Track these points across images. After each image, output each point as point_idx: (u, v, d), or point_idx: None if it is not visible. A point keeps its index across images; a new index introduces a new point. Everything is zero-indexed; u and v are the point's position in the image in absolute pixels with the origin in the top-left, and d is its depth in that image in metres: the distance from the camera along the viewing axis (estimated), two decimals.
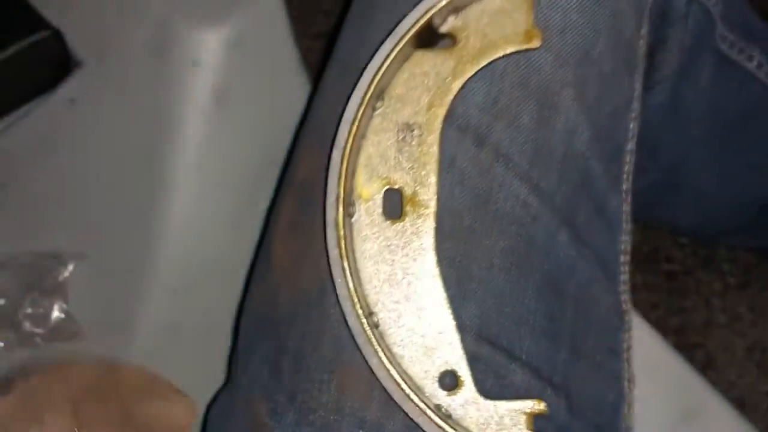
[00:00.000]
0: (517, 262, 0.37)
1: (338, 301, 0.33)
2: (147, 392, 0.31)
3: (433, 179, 0.34)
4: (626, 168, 0.43)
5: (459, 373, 0.33)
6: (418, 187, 0.35)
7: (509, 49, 0.36)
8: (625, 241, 0.43)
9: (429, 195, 0.34)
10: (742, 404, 0.77)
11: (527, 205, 0.37)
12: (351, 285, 0.33)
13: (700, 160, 0.59)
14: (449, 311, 0.34)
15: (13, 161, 0.69)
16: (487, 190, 0.37)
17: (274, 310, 0.38)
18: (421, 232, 0.34)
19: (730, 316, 0.81)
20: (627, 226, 0.43)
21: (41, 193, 0.68)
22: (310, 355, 0.36)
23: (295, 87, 0.72)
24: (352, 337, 0.33)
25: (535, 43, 0.36)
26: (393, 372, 0.32)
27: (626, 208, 0.43)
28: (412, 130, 0.35)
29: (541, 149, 0.38)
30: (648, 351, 0.60)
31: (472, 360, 0.35)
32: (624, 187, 0.43)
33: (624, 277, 0.43)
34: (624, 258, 0.43)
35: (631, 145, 0.43)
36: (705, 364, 0.79)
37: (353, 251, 0.34)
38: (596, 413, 0.40)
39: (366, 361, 0.33)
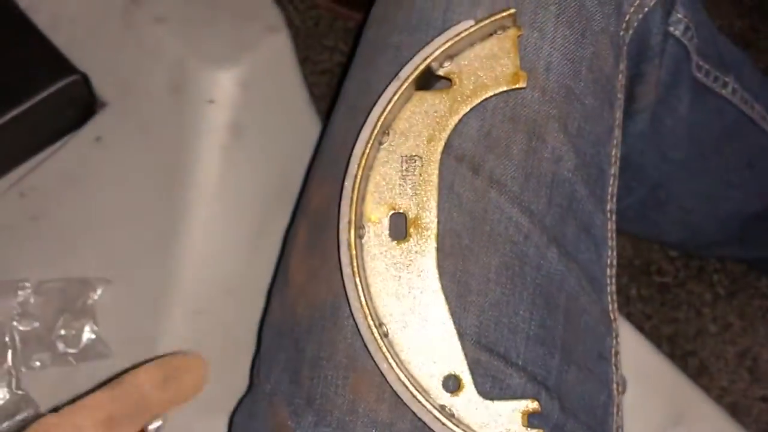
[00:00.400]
0: (512, 277, 0.41)
1: (351, 313, 0.38)
2: (168, 387, 0.34)
3: (433, 204, 0.39)
4: (610, 190, 0.48)
5: (461, 377, 0.38)
6: (420, 211, 0.39)
7: (499, 89, 0.41)
8: (611, 256, 0.47)
9: (430, 218, 0.39)
10: (735, 409, 0.80)
11: (519, 226, 0.42)
12: (362, 299, 0.37)
13: (681, 180, 0.63)
14: (451, 321, 0.38)
15: (44, 196, 0.74)
16: (483, 213, 0.41)
17: (293, 322, 0.42)
18: (423, 251, 0.39)
19: (720, 325, 0.85)
20: (612, 242, 0.47)
21: (70, 224, 0.72)
22: (326, 362, 0.40)
23: (304, 120, 0.77)
24: (365, 345, 0.37)
25: (522, 84, 0.41)
26: (401, 376, 0.36)
27: (611, 226, 0.47)
28: (415, 161, 0.40)
29: (531, 176, 0.43)
30: (640, 358, 0.64)
31: (473, 365, 0.39)
32: (608, 207, 0.47)
33: (611, 288, 0.47)
34: (610, 271, 0.47)
35: (613, 170, 0.48)
36: (698, 371, 0.83)
37: (364, 269, 0.38)
38: (588, 414, 0.44)
39: (377, 367, 0.37)
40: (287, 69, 0.78)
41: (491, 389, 0.39)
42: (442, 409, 0.37)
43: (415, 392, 0.36)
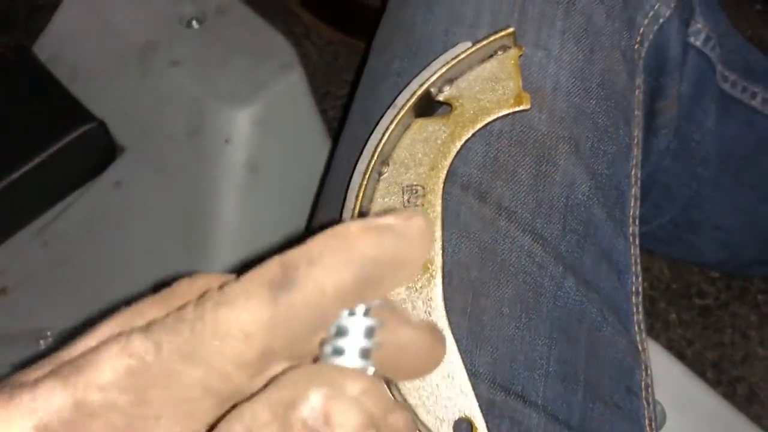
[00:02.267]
0: (526, 310, 0.39)
1: None
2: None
3: (438, 236, 0.37)
4: (631, 212, 0.45)
5: (473, 421, 0.35)
6: None
7: (501, 113, 0.39)
8: (636, 283, 0.44)
9: (434, 251, 0.37)
10: None
11: (532, 255, 0.40)
12: None
13: (714, 197, 0.60)
14: (460, 360, 0.36)
15: (66, 244, 0.75)
16: (492, 243, 0.39)
17: None
18: (429, 286, 0.37)
19: None
20: (636, 268, 0.44)
21: (92, 270, 0.73)
22: None
23: (321, 154, 0.76)
24: None
25: (525, 105, 0.39)
26: None
27: (634, 251, 0.45)
28: (416, 192, 0.38)
29: (542, 201, 0.41)
30: (681, 388, 0.60)
31: (488, 406, 0.37)
32: (630, 231, 0.44)
33: (637, 317, 0.44)
34: (636, 299, 0.44)
35: (634, 191, 0.45)
36: (748, 399, 0.78)
37: None
38: None
39: None
40: (302, 105, 0.77)
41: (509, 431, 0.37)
42: None
43: None
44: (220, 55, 0.77)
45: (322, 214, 0.45)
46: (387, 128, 0.38)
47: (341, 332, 0.21)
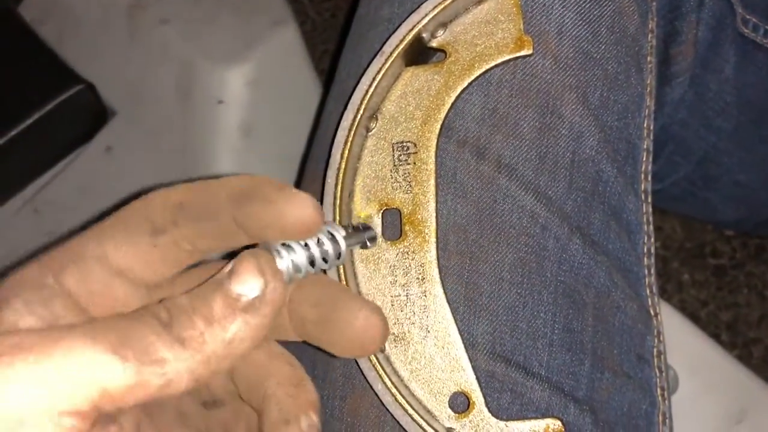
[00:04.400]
0: (528, 275, 0.36)
1: None
2: (251, 198, 0.27)
3: (431, 196, 0.34)
4: (643, 168, 0.42)
5: (470, 395, 0.32)
6: (416, 206, 0.34)
7: (500, 59, 0.36)
8: (648, 243, 0.41)
9: (428, 212, 0.34)
10: None
11: (534, 215, 0.37)
12: None
13: (732, 151, 0.56)
14: (456, 330, 0.33)
15: (58, 211, 0.72)
16: (491, 203, 0.36)
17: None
18: (422, 251, 0.34)
19: None
20: (648, 227, 0.41)
21: None
22: (321, 381, 0.36)
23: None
24: (356, 362, 0.33)
25: (527, 50, 0.35)
26: (399, 397, 0.32)
27: (646, 209, 0.41)
28: (408, 148, 0.35)
29: (546, 157, 0.37)
30: (695, 351, 0.58)
31: (487, 378, 0.34)
32: (642, 187, 0.41)
33: (649, 280, 0.41)
34: (648, 261, 0.41)
35: (647, 144, 0.42)
36: (764, 361, 0.75)
37: (354, 274, 0.34)
38: (627, 426, 0.38)
39: (371, 388, 0.32)
40: (297, 63, 0.74)
41: (510, 406, 0.34)
42: (449, 430, 0.32)
43: (416, 416, 0.31)
44: (210, 11, 0.73)
45: (309, 177, 0.42)
46: (374, 79, 0.35)
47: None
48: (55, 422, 0.21)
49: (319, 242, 0.29)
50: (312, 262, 0.28)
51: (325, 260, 0.29)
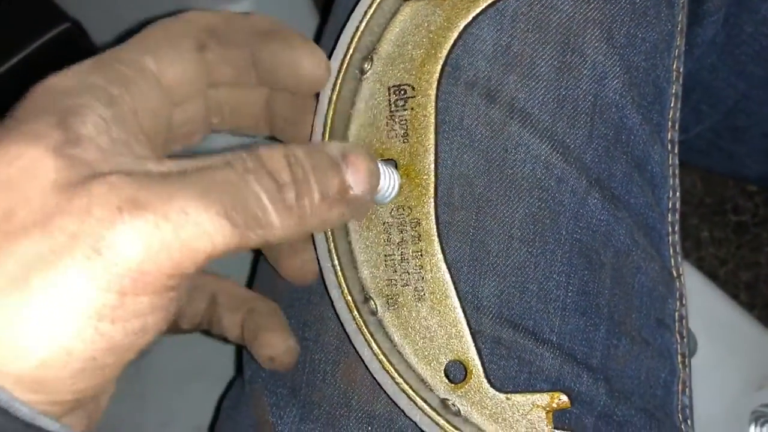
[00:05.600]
0: (541, 232, 0.33)
1: (325, 286, 0.30)
2: (273, 38, 0.29)
3: (429, 146, 0.30)
4: (670, 115, 0.38)
5: (467, 363, 0.29)
6: (413, 156, 0.30)
7: None
8: (673, 198, 0.38)
9: (426, 163, 0.30)
10: None
11: (550, 166, 0.33)
12: (338, 269, 0.29)
13: (764, 100, 0.52)
14: (455, 293, 0.30)
15: None
16: (502, 152, 0.33)
17: (273, 295, 0.35)
18: (419, 205, 0.30)
19: None
20: (674, 181, 0.38)
21: None
22: (312, 343, 0.33)
23: None
24: (342, 327, 0.30)
25: None
26: (386, 364, 0.29)
27: (673, 160, 0.38)
28: (405, 92, 0.31)
29: (565, 101, 0.34)
30: (713, 312, 0.55)
31: (493, 345, 0.31)
32: (668, 136, 0.37)
33: (673, 238, 0.38)
34: (672, 217, 0.38)
35: (675, 88, 0.38)
36: None
37: (346, 232, 0.30)
38: (644, 395, 0.35)
39: (357, 354, 0.29)
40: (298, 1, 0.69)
41: (517, 374, 0.31)
42: (443, 405, 0.29)
43: (405, 385, 0.28)
44: None
45: None
46: (365, 14, 0.31)
47: None
48: (163, 282, 0.22)
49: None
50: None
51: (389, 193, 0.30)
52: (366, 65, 0.31)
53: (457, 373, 0.30)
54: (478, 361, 0.29)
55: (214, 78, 0.29)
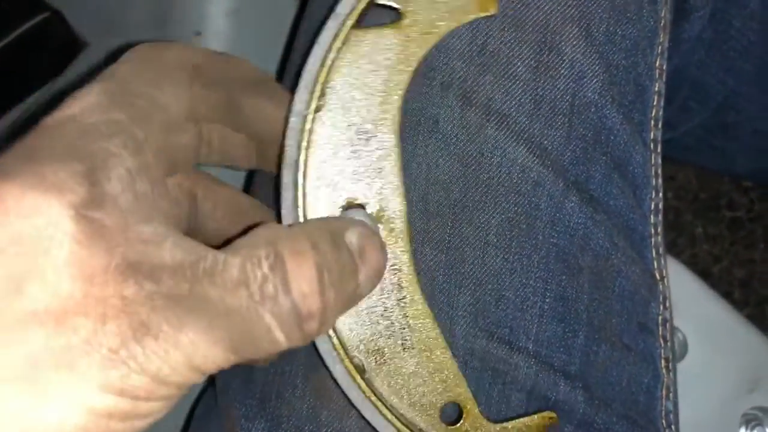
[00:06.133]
0: (517, 238, 0.32)
1: (319, 355, 0.29)
2: (257, 91, 0.29)
3: (397, 187, 0.29)
4: (653, 113, 0.37)
5: (462, 402, 0.29)
6: (382, 201, 0.29)
7: (465, 19, 0.30)
8: (655, 199, 0.37)
9: (396, 208, 0.29)
10: None
11: (526, 170, 0.32)
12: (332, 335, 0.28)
13: (753, 96, 0.51)
14: (441, 337, 0.29)
15: None
16: (478, 156, 0.32)
17: None
18: (394, 254, 0.29)
19: None
20: (657, 181, 0.37)
21: None
22: (283, 356, 0.32)
23: None
24: (342, 391, 0.29)
25: (493, 11, 0.30)
26: (389, 415, 0.28)
27: (655, 160, 0.37)
28: (366, 132, 0.29)
29: (543, 101, 0.33)
30: (705, 311, 0.54)
31: (466, 357, 0.30)
32: (651, 136, 0.36)
33: (656, 240, 0.37)
34: (655, 219, 0.37)
35: (658, 86, 0.37)
36: None
37: None
38: (625, 402, 0.34)
39: (363, 417, 0.29)
40: None
41: (491, 386, 0.31)
42: None
43: None
44: None
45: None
46: (330, 46, 0.29)
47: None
48: (171, 392, 0.22)
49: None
50: None
51: None
52: (320, 102, 0.29)
53: (451, 413, 0.29)
54: (470, 397, 0.29)
55: (198, 114, 0.29)
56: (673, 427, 0.36)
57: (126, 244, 0.21)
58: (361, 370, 0.28)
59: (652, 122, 0.37)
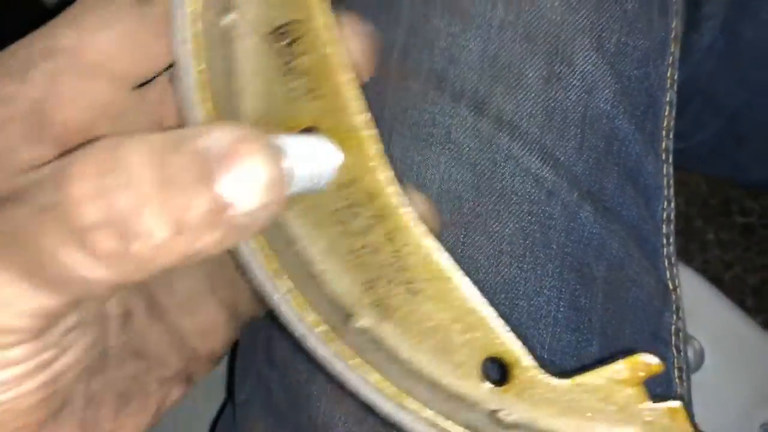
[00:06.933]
0: (531, 247, 0.32)
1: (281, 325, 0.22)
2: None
3: (349, 87, 0.22)
4: (665, 123, 0.37)
5: (505, 355, 0.22)
6: (334, 112, 0.22)
7: None
8: (668, 209, 0.37)
9: (352, 113, 0.22)
10: None
11: (540, 180, 0.32)
12: (290, 297, 0.22)
13: (766, 106, 0.51)
14: (454, 269, 0.23)
15: None
16: (491, 166, 0.32)
17: (264, 318, 0.34)
18: (364, 173, 0.22)
19: None
20: (669, 191, 0.37)
21: None
22: (299, 370, 0.32)
23: None
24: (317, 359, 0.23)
25: None
26: (405, 399, 0.22)
27: (667, 170, 0.37)
28: (289, 33, 0.22)
29: (554, 112, 0.33)
30: (717, 319, 0.54)
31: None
32: (662, 146, 0.37)
33: (668, 250, 0.37)
34: (667, 229, 0.37)
35: (669, 96, 0.37)
36: None
37: (288, 241, 0.23)
38: None
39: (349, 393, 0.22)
40: None
41: None
42: (492, 418, 0.22)
43: (438, 418, 0.22)
44: None
45: None
46: None
47: None
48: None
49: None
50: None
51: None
52: (226, 18, 0.22)
53: (492, 374, 0.22)
54: (519, 347, 0.22)
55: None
56: None
57: None
58: (360, 332, 0.22)
59: (664, 132, 0.37)
